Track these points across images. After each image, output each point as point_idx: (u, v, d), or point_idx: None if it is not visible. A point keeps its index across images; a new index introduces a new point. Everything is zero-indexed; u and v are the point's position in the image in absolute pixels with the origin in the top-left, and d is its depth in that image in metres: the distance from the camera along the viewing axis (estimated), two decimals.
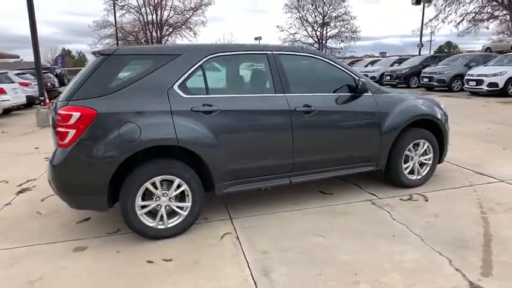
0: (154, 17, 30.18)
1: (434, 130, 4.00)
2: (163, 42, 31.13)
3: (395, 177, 3.89)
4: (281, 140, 3.23)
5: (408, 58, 20.11)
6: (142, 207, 2.87)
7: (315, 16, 40.62)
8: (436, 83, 15.04)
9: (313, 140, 3.38)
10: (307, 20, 40.90)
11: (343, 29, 39.79)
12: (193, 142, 2.87)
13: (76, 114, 2.63)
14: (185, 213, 2.99)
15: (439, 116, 3.95)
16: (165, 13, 30.66)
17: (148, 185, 2.83)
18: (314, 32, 41.39)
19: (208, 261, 2.64)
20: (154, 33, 30.27)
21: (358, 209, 3.49)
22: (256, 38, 55.94)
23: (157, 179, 2.85)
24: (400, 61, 19.60)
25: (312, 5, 40.12)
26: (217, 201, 3.68)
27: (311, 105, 3.31)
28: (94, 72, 2.78)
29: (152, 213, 2.94)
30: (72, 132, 2.64)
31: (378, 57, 32.93)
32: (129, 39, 30.53)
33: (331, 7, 39.22)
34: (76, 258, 2.73)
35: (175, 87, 2.90)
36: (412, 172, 3.98)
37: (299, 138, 3.29)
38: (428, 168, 4.04)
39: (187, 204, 2.99)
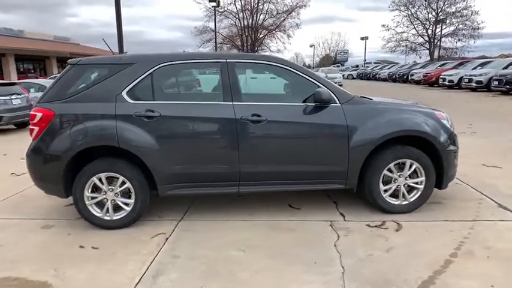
0: (250, 21, 31.72)
1: (431, 150, 3.39)
2: (256, 45, 32.41)
3: (371, 199, 3.45)
4: (225, 148, 3.23)
5: None
6: (92, 198, 3.25)
7: (427, 13, 36.66)
8: None
9: (263, 150, 3.27)
10: (417, 18, 37.24)
11: (461, 25, 34.94)
12: (132, 144, 3.12)
13: (39, 115, 3.15)
14: (129, 209, 3.27)
15: (432, 133, 3.33)
16: (261, 17, 31.97)
17: (95, 179, 3.19)
18: (425, 31, 37.40)
19: (124, 255, 2.86)
20: (249, 38, 31.73)
21: (308, 228, 3.24)
22: (362, 38, 53.60)
23: (102, 175, 3.19)
24: None
25: (425, 0, 36.23)
26: (187, 201, 3.86)
27: (261, 114, 3.21)
28: (60, 79, 3.28)
29: (102, 205, 3.30)
30: (36, 129, 3.17)
31: None
32: (226, 43, 32.78)
33: (446, 2, 34.82)
34: (40, 233, 3.27)
35: (124, 93, 3.19)
36: (395, 196, 3.47)
37: (246, 148, 3.23)
38: (419, 194, 3.46)
39: (131, 201, 3.26)
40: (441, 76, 20.27)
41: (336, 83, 18.89)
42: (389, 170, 3.39)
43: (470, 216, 3.37)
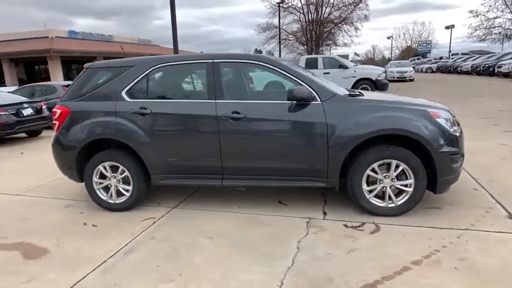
0: (314, 15, 30.93)
1: (423, 151, 3.18)
2: (321, 40, 31.46)
3: (353, 199, 3.37)
4: (208, 144, 3.46)
5: None
6: (99, 183, 3.77)
7: None
8: None
9: (242, 146, 3.42)
10: None
11: None
12: (128, 138, 3.54)
13: (58, 111, 3.76)
14: (128, 195, 3.71)
15: (418, 132, 3.10)
16: (327, 10, 30.94)
17: (101, 167, 3.70)
18: None
19: (114, 233, 3.29)
20: (313, 32, 30.97)
21: (284, 224, 3.31)
22: (447, 27, 48.65)
23: (107, 164, 3.69)
24: None
25: None
26: (190, 190, 4.20)
27: (240, 112, 3.36)
28: (77, 81, 3.85)
29: (107, 190, 3.79)
30: (57, 123, 3.78)
31: None
32: (290, 39, 32.51)
33: None
34: (60, 211, 3.91)
35: (123, 93, 3.62)
36: (381, 198, 3.33)
37: (227, 144, 3.42)
38: (407, 197, 3.26)
39: (130, 187, 3.69)
40: None
41: (405, 77, 17.98)
42: (373, 170, 3.27)
43: (464, 225, 3.08)
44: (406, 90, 16.81)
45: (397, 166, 3.22)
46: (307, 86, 3.31)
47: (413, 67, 31.52)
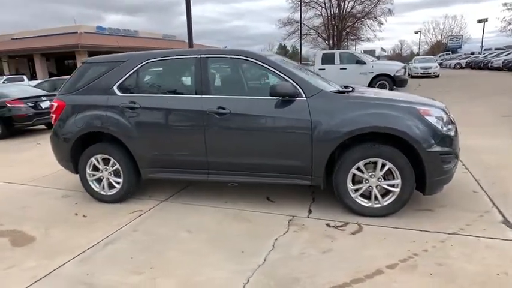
0: (337, 10, 30.15)
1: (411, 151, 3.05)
2: (343, 35, 30.59)
3: (339, 198, 3.28)
4: (194, 138, 3.46)
5: None
6: (92, 175, 3.87)
7: None
8: None
9: (227, 141, 3.40)
10: None
11: None
12: (118, 131, 3.61)
13: (55, 105, 3.89)
14: (118, 187, 3.79)
15: (403, 130, 2.96)
16: (349, 4, 30.05)
17: (93, 159, 3.80)
18: None
19: (101, 224, 3.38)
20: (335, 27, 30.17)
21: (266, 220, 3.28)
22: (479, 21, 46.32)
23: (99, 156, 3.78)
24: None
25: None
26: (184, 185, 4.25)
27: (225, 107, 3.34)
28: (73, 75, 3.95)
29: (100, 182, 3.89)
30: (54, 116, 3.91)
31: None
32: (312, 34, 31.87)
33: None
34: (57, 201, 4.06)
35: (115, 87, 3.69)
36: (368, 197, 3.22)
37: (212, 139, 3.41)
38: (394, 198, 3.14)
39: (120, 180, 3.77)
40: None
41: (430, 73, 17.33)
42: (359, 169, 3.17)
43: (453, 229, 2.93)
44: (427, 87, 16.20)
45: (383, 165, 3.10)
46: (293, 82, 3.24)
47: (441, 63, 30.26)
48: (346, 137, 3.09)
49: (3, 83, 18.80)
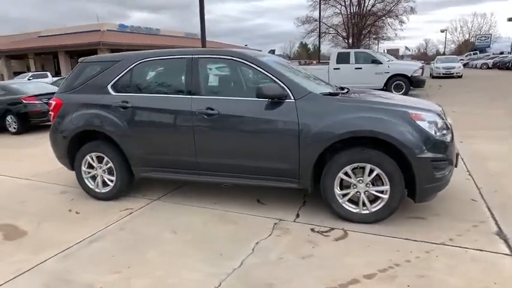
0: (357, 8, 29.45)
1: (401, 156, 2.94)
2: (363, 34, 29.87)
3: (326, 203, 3.21)
4: (183, 139, 3.47)
5: None
6: (88, 173, 3.95)
7: None
8: None
9: (215, 142, 3.39)
10: None
11: None
12: (111, 130, 3.67)
13: (53, 103, 3.99)
14: (112, 185, 3.86)
15: (396, 136, 2.85)
16: (370, 2, 29.30)
17: (88, 157, 3.88)
18: None
19: (91, 221, 3.44)
20: (355, 26, 29.49)
21: (250, 224, 3.25)
22: (510, 19, 44.47)
23: (93, 154, 3.85)
24: None
25: None
26: (179, 184, 4.27)
27: (214, 108, 3.33)
28: (71, 74, 4.04)
29: (95, 180, 3.96)
30: (52, 114, 4.02)
31: None
32: (331, 33, 31.28)
33: None
34: (55, 196, 4.18)
35: (109, 86, 3.74)
36: (356, 203, 3.14)
37: (200, 140, 3.41)
38: (383, 204, 3.05)
39: (114, 178, 3.83)
40: None
41: (452, 73, 16.79)
42: (346, 174, 3.08)
43: (442, 239, 2.81)
44: (448, 87, 15.67)
45: (371, 171, 3.01)
46: (281, 83, 3.19)
47: (466, 63, 29.13)
48: (332, 141, 3.01)
49: (28, 79, 19.61)
